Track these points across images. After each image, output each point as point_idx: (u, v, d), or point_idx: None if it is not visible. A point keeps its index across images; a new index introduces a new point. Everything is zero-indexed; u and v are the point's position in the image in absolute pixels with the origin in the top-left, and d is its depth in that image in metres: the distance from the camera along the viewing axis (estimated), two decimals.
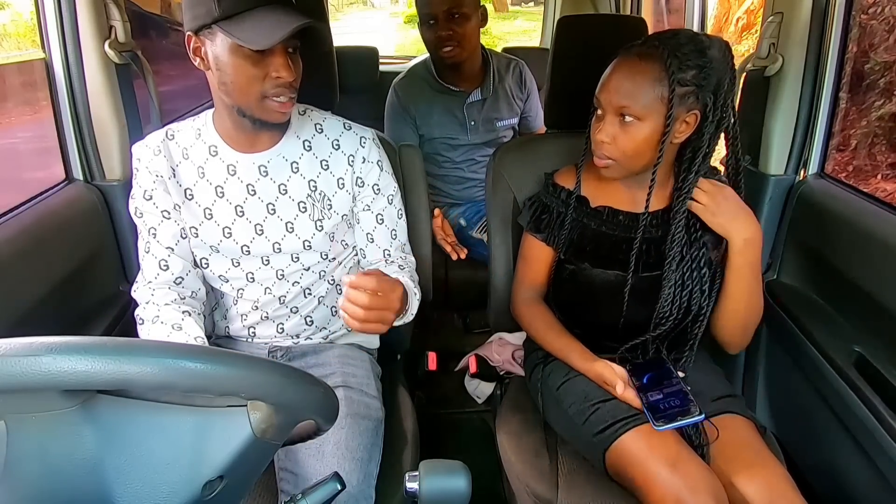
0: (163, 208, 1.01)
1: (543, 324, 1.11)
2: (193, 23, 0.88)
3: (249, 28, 0.85)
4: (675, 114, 0.92)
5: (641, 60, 0.93)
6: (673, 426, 0.90)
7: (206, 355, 0.45)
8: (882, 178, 3.13)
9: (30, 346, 0.41)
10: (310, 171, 1.04)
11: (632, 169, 1.00)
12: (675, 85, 0.91)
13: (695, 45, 0.92)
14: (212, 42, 0.89)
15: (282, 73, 0.89)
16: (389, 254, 1.11)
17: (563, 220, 1.09)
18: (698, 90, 0.93)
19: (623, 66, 0.95)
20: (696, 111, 0.94)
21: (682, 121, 0.95)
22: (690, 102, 0.93)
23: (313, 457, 0.92)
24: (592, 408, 0.98)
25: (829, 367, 1.05)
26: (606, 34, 1.28)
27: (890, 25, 3.12)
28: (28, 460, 0.49)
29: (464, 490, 0.61)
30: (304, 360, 1.11)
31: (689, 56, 0.92)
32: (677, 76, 0.91)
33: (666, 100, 0.92)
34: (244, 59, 0.87)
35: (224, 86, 0.91)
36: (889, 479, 0.93)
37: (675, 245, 1.00)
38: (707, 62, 0.92)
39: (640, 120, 0.94)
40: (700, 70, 0.92)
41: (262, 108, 0.92)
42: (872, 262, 1.03)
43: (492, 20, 11.06)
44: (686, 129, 0.96)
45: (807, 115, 1.24)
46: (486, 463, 1.10)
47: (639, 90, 0.93)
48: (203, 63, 0.91)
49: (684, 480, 0.83)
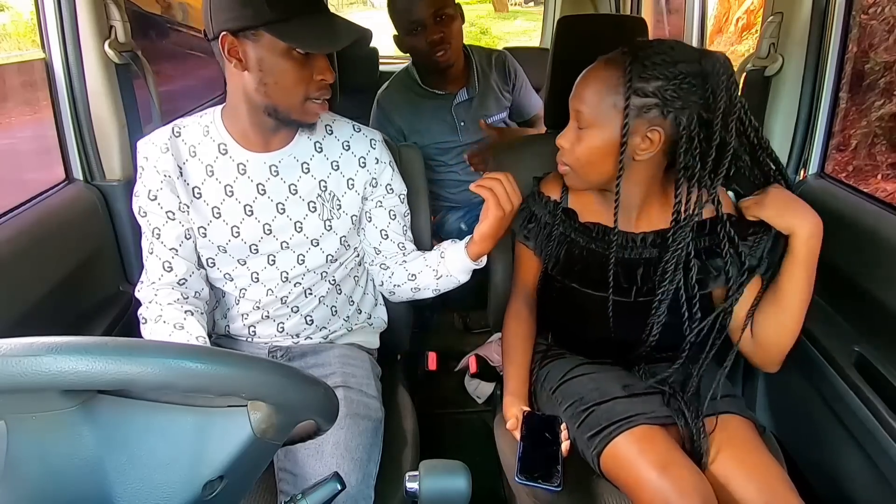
0: (168, 209, 1.01)
1: (508, 346, 1.11)
2: (233, 23, 0.88)
3: (302, 32, 0.88)
4: (631, 125, 0.87)
5: (605, 66, 0.90)
6: (530, 484, 0.91)
7: (206, 355, 0.45)
8: (882, 178, 3.13)
9: (30, 346, 0.41)
10: (320, 172, 1.04)
11: (587, 179, 0.96)
12: (630, 94, 0.86)
13: (668, 56, 0.86)
14: (255, 43, 0.89)
15: (326, 75, 0.93)
16: (405, 245, 1.13)
17: (549, 233, 1.06)
18: (662, 105, 0.86)
19: (589, 70, 0.93)
20: (659, 128, 0.87)
21: (644, 136, 0.88)
22: (652, 117, 0.86)
23: (313, 457, 0.92)
24: (587, 410, 0.98)
25: (829, 367, 1.05)
26: (606, 34, 1.28)
27: (890, 25, 3.12)
28: (28, 460, 0.49)
29: (464, 490, 0.61)
30: (304, 360, 1.11)
31: (656, 66, 0.85)
32: (635, 85, 0.86)
33: (620, 109, 0.87)
34: (292, 62, 0.90)
35: (265, 86, 0.92)
36: (889, 479, 0.93)
37: (668, 272, 0.94)
38: (678, 75, 0.85)
39: (592, 127, 0.91)
40: (667, 82, 0.85)
41: (302, 109, 0.95)
42: (872, 262, 1.03)
43: (492, 20, 10.99)
44: (650, 146, 0.89)
45: (807, 115, 1.24)
46: (486, 463, 1.09)
47: (594, 96, 0.90)
48: (240, 64, 0.91)
49: (673, 484, 0.83)
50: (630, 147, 0.89)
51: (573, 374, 1.05)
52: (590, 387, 1.01)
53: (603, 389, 0.99)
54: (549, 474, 0.91)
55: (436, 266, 1.09)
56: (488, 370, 1.57)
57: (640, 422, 0.92)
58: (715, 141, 0.87)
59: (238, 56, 0.91)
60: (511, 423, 0.98)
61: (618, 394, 0.98)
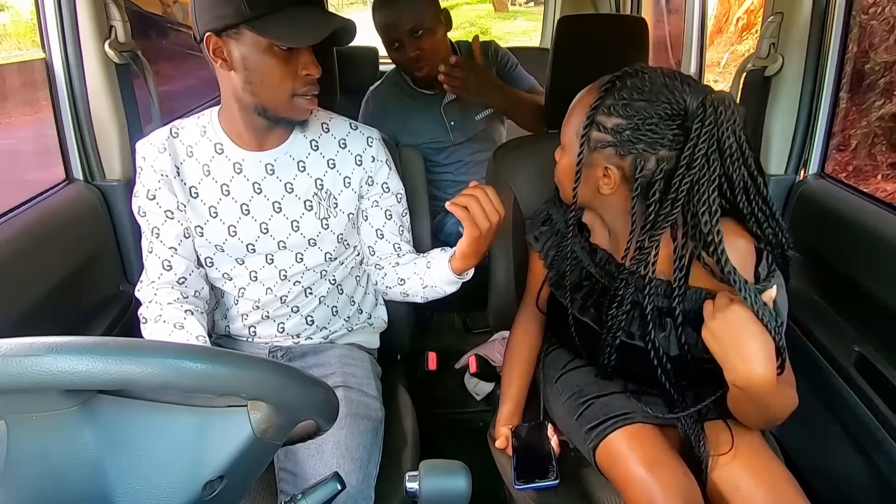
0: (166, 208, 1.01)
1: (511, 362, 1.12)
2: (216, 23, 0.88)
3: (283, 27, 0.87)
4: (584, 156, 0.85)
5: (589, 91, 0.88)
6: (531, 487, 0.96)
7: (206, 355, 0.45)
8: (882, 178, 3.13)
9: (30, 346, 0.41)
10: (316, 170, 1.04)
11: (565, 195, 0.95)
12: (588, 126, 0.83)
13: (641, 92, 0.79)
14: (238, 42, 0.89)
15: (311, 69, 0.92)
16: (400, 247, 1.12)
17: (559, 242, 1.02)
18: (618, 144, 0.81)
19: (582, 92, 0.91)
20: (614, 168, 0.83)
21: (602, 170, 0.84)
22: (607, 154, 0.83)
23: (313, 457, 0.92)
24: (586, 403, 0.98)
25: (830, 367, 1.05)
26: (606, 34, 1.28)
27: (890, 25, 3.12)
28: (28, 460, 0.49)
29: (464, 490, 0.61)
30: (305, 360, 1.11)
31: (621, 101, 0.80)
32: (596, 118, 0.83)
33: (579, 136, 0.85)
34: (275, 58, 0.89)
35: (251, 85, 0.91)
36: (889, 479, 0.93)
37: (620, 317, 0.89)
38: (641, 116, 0.79)
39: (565, 149, 0.92)
40: (627, 121, 0.80)
41: (290, 105, 0.94)
42: (873, 262, 1.03)
43: (492, 20, 10.98)
44: (608, 182, 0.84)
45: (807, 115, 1.25)
46: (487, 463, 1.10)
47: (570, 119, 0.90)
48: (225, 64, 0.91)
49: (660, 484, 0.84)
50: (592, 179, 0.87)
51: (574, 363, 1.05)
52: (588, 379, 1.02)
53: (601, 382, 1.00)
54: (545, 472, 0.95)
55: (422, 275, 1.08)
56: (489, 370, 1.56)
57: (636, 419, 0.92)
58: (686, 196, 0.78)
59: (223, 56, 0.90)
60: (500, 442, 1.04)
61: (617, 388, 0.99)
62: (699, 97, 0.77)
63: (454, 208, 0.91)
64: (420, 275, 1.08)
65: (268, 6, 0.87)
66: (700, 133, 0.76)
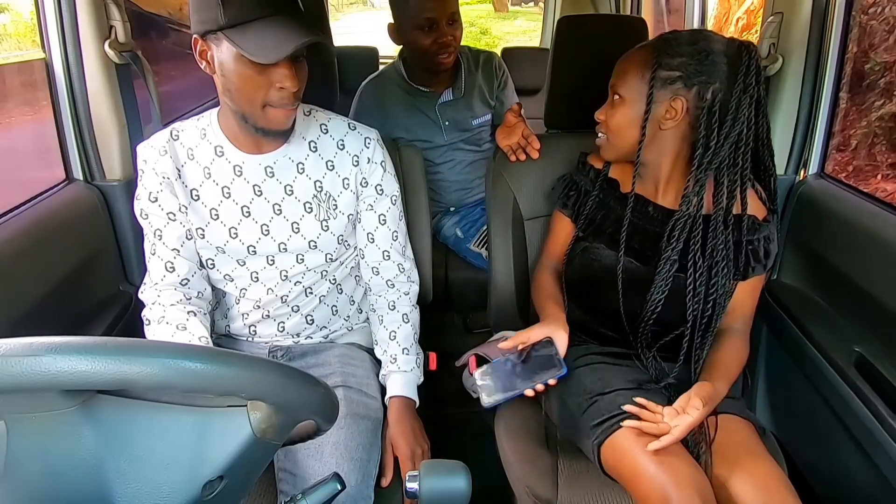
0: (168, 210, 1.01)
1: (541, 291, 1.15)
2: (200, 27, 0.88)
3: (254, 39, 0.85)
4: (655, 95, 0.97)
5: (639, 49, 1.02)
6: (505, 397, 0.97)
7: (206, 355, 0.45)
8: (882, 179, 3.13)
9: (30, 346, 0.41)
10: (315, 172, 1.04)
11: (618, 147, 1.05)
12: (657, 68, 0.97)
13: (693, 37, 0.98)
14: (217, 48, 0.89)
15: (286, 83, 0.88)
16: (389, 255, 1.11)
17: (587, 199, 1.13)
18: (685, 77, 0.96)
19: (626, 54, 1.04)
20: (683, 98, 0.97)
21: (668, 105, 0.98)
22: (676, 87, 0.97)
23: (312, 457, 0.92)
24: (591, 400, 0.99)
25: (830, 367, 1.05)
26: (606, 34, 1.28)
27: (890, 25, 3.12)
28: (28, 460, 0.49)
29: (464, 490, 0.61)
30: (304, 360, 1.11)
31: (681, 45, 0.97)
32: (661, 59, 0.97)
33: (647, 81, 0.98)
34: (248, 69, 0.87)
35: (228, 92, 0.92)
36: (889, 479, 0.93)
37: (670, 248, 1.00)
38: (698, 52, 0.95)
39: (624, 98, 1.01)
40: (690, 58, 0.95)
41: (263, 116, 0.92)
42: (872, 263, 1.03)
43: (492, 20, 10.99)
44: (673, 114, 0.98)
45: (807, 115, 1.25)
46: (486, 463, 1.09)
47: (627, 71, 1.01)
48: (209, 67, 0.91)
49: (671, 476, 0.84)
50: (655, 116, 0.99)
51: (580, 363, 1.06)
52: (594, 377, 1.02)
53: (606, 381, 1.01)
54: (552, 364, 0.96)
55: (380, 355, 1.13)
56: None
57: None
58: (732, 122, 0.95)
59: (206, 59, 0.91)
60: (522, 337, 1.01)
61: (621, 386, 0.99)
62: (733, 42, 0.97)
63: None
64: (380, 352, 1.13)
65: (241, 16, 0.85)
66: (749, 64, 0.94)
